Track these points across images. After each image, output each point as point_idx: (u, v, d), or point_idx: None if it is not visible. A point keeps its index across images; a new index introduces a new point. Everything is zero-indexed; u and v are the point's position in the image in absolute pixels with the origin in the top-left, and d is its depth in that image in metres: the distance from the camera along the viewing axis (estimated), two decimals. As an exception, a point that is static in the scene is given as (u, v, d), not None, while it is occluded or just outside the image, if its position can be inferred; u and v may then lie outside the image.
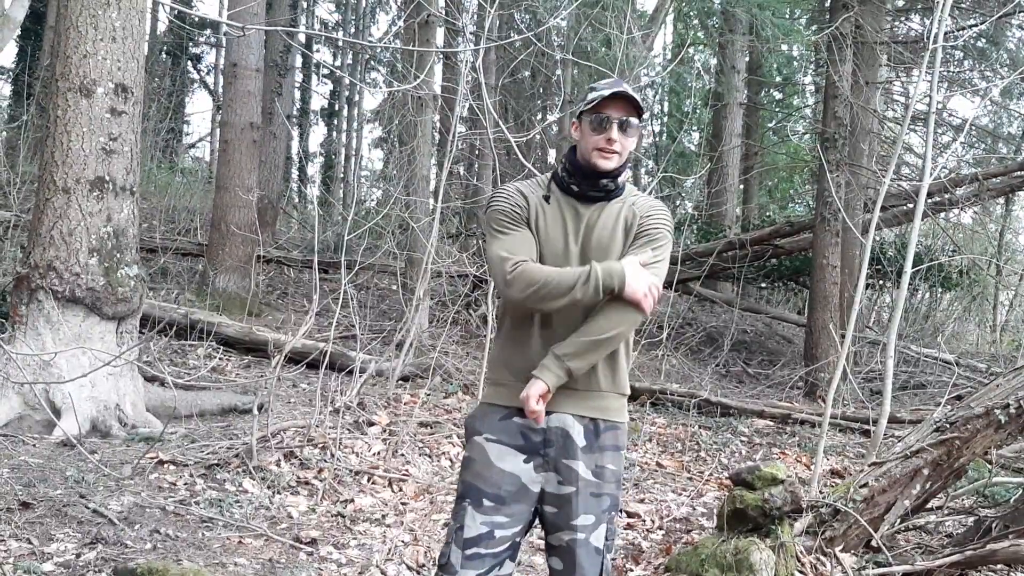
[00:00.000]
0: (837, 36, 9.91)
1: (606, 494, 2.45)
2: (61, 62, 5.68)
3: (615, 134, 2.43)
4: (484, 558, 2.41)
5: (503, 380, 2.50)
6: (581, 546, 2.42)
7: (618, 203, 2.52)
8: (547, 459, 2.44)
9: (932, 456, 4.29)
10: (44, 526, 3.98)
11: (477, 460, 2.47)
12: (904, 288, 5.27)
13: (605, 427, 2.47)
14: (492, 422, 2.48)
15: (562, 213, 2.49)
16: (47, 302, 5.54)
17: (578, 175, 2.49)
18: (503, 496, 2.43)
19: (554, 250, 2.45)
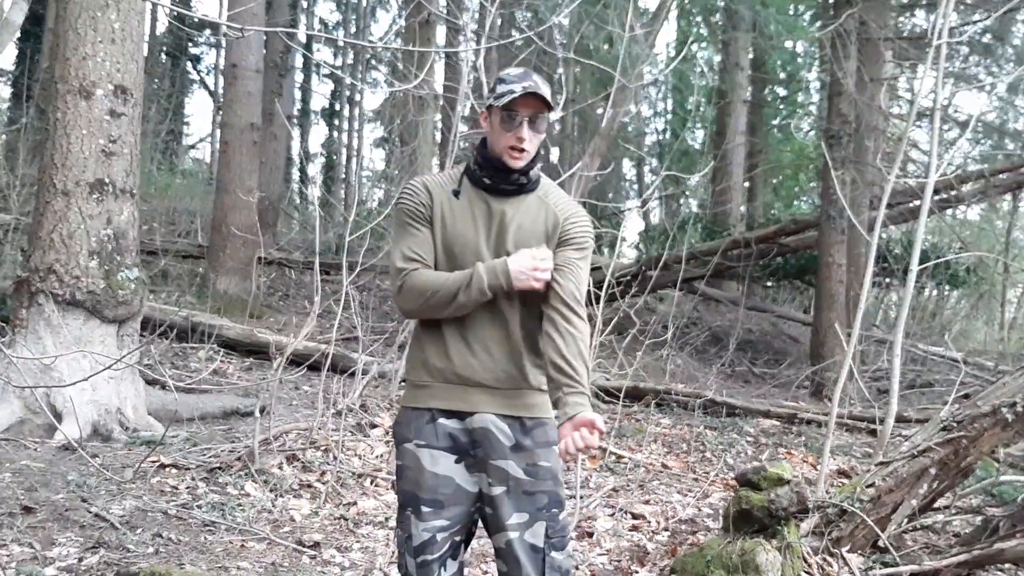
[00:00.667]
0: (841, 33, 9.87)
1: (541, 491, 2.40)
2: (60, 64, 5.66)
3: (525, 132, 2.37)
4: (431, 564, 2.41)
5: (423, 381, 2.46)
6: (517, 544, 2.39)
7: (534, 198, 2.47)
8: (476, 459, 2.42)
9: (939, 455, 4.25)
10: (46, 530, 3.96)
11: (411, 467, 2.44)
12: (910, 286, 5.22)
13: (532, 424, 2.43)
14: (419, 427, 2.45)
15: (472, 208, 2.44)
16: (47, 305, 5.52)
17: (489, 169, 2.44)
18: (440, 500, 2.41)
19: (465, 247, 2.41)
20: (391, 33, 20.14)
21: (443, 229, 2.43)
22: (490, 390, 2.40)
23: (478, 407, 2.41)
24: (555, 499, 2.43)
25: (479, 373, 2.40)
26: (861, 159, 10.87)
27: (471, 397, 2.41)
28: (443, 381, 2.42)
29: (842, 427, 8.07)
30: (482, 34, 7.37)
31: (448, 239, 2.42)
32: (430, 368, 2.44)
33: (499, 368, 2.41)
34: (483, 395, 2.41)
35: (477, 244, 2.41)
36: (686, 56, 16.71)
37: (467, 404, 2.41)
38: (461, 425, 2.42)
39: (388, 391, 6.98)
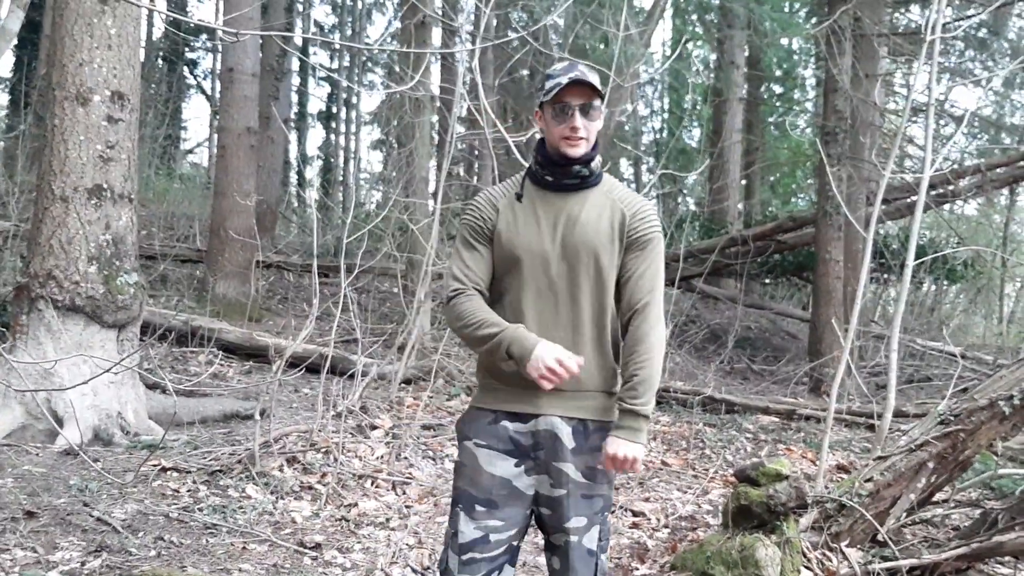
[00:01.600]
0: (836, 29, 9.88)
1: (598, 495, 2.44)
2: (57, 71, 5.68)
3: (578, 121, 2.38)
4: (480, 563, 2.40)
5: (491, 384, 2.49)
6: (574, 548, 2.41)
7: (598, 194, 2.48)
8: (538, 462, 2.43)
9: (937, 449, 4.27)
10: (49, 535, 3.98)
11: (468, 465, 2.46)
12: (907, 281, 5.24)
13: (594, 427, 2.44)
14: (481, 426, 2.47)
15: (535, 210, 2.46)
16: (47, 311, 5.53)
17: (549, 166, 2.46)
18: (495, 500, 2.41)
19: (528, 249, 2.42)
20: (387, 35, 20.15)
21: (507, 235, 2.44)
22: (556, 392, 2.40)
23: (544, 409, 2.41)
24: (608, 502, 2.48)
25: None
26: (857, 155, 10.89)
27: (537, 399, 2.41)
28: (509, 384, 2.43)
29: (841, 422, 8.09)
30: (477, 35, 7.38)
31: (511, 243, 2.43)
32: (496, 371, 2.45)
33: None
34: (549, 397, 2.41)
35: (541, 245, 2.42)
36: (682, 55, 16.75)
37: (533, 407, 2.42)
38: (525, 427, 2.43)
39: (388, 392, 6.99)
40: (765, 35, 13.44)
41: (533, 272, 2.41)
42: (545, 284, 2.41)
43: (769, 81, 19.69)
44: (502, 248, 2.45)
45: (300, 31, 21.75)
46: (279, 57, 13.85)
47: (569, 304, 2.41)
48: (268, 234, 12.89)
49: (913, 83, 5.92)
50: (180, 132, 24.25)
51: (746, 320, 14.25)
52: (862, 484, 4.27)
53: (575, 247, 2.40)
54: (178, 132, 23.49)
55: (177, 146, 23.14)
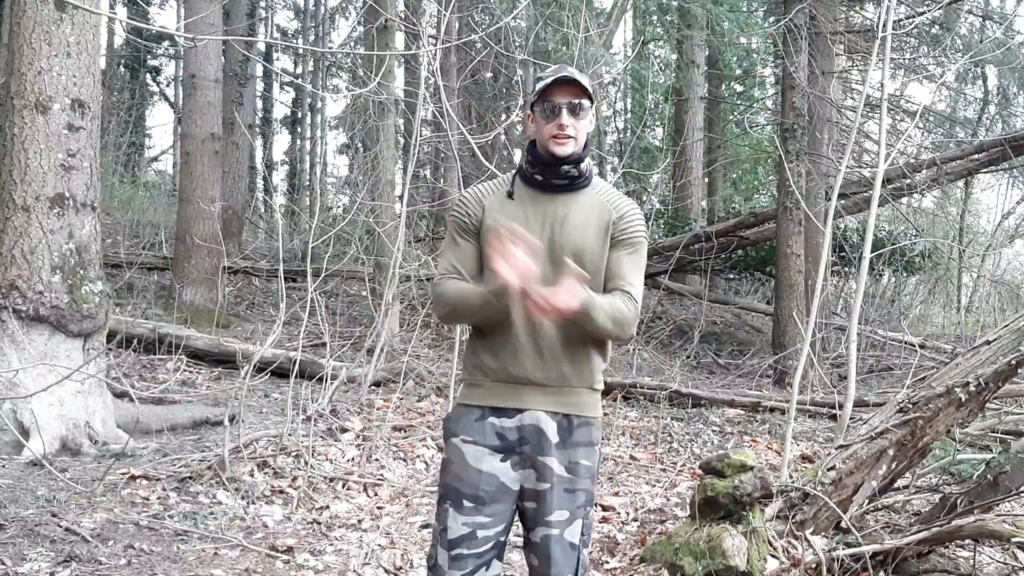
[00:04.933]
0: (792, 28, 10.03)
1: (580, 490, 2.47)
2: (16, 79, 5.63)
3: (566, 119, 2.42)
4: (467, 558, 2.43)
5: (477, 381, 2.52)
6: (556, 542, 2.44)
7: (588, 196, 2.52)
8: (523, 456, 2.46)
9: (897, 436, 4.36)
10: (16, 546, 3.94)
11: (455, 462, 2.49)
12: (863, 273, 5.35)
13: (578, 423, 2.48)
14: (468, 423, 2.49)
15: (525, 209, 2.49)
16: (11, 322, 5.49)
17: (539, 165, 2.50)
18: (482, 496, 2.44)
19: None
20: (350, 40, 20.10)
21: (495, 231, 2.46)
22: (541, 387, 2.45)
23: (529, 404, 2.45)
24: (590, 497, 2.50)
25: (531, 371, 2.45)
26: (815, 151, 11.05)
27: (522, 395, 2.45)
28: (496, 380, 2.47)
29: (804, 413, 8.21)
30: (439, 38, 7.41)
31: None
32: (484, 368, 2.49)
33: (550, 366, 2.45)
34: (534, 392, 2.45)
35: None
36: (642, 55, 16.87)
37: (518, 401, 2.46)
38: (511, 422, 2.46)
39: (358, 395, 7.01)
40: (723, 35, 13.58)
41: None
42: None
43: (729, 80, 19.89)
44: (489, 244, 2.47)
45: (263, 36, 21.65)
46: (242, 63, 13.77)
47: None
48: (235, 240, 12.82)
49: (868, 79, 6.05)
50: (144, 139, 24.00)
51: (711, 315, 14.39)
52: (825, 473, 4.35)
53: (562, 248, 2.44)
54: (142, 139, 23.24)
55: (141, 154, 22.90)
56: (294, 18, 26.22)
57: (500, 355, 2.46)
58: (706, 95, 18.07)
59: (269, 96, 24.35)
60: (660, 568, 4.11)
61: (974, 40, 12.89)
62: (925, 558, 4.23)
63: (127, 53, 21.80)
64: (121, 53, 21.82)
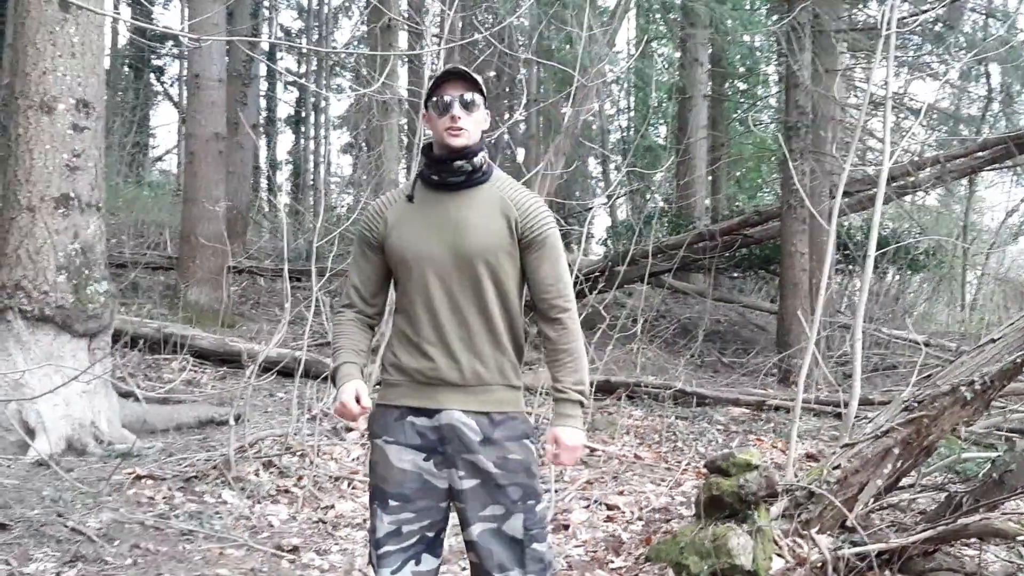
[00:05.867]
0: (795, 26, 10.02)
1: (514, 484, 2.45)
2: (20, 80, 5.64)
3: (457, 110, 2.44)
4: (394, 554, 2.46)
5: (395, 381, 2.53)
6: (492, 536, 2.45)
7: (487, 191, 2.51)
8: (446, 456, 2.47)
9: (902, 435, 4.35)
10: (22, 547, 3.95)
11: (379, 463, 2.51)
12: (868, 271, 5.34)
13: (500, 419, 2.47)
14: (388, 423, 2.51)
15: (425, 211, 2.50)
16: (16, 322, 5.50)
17: (436, 164, 2.51)
18: (407, 494, 2.46)
19: (417, 252, 2.47)
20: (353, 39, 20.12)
21: (397, 241, 2.50)
22: (456, 387, 2.46)
23: (444, 404, 2.46)
24: (529, 491, 2.47)
25: (445, 372, 2.46)
26: (819, 149, 11.04)
27: (438, 395, 2.46)
28: (411, 380, 2.48)
29: (809, 412, 8.20)
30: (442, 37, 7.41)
31: (401, 248, 2.48)
32: (400, 367, 2.51)
33: (465, 366, 2.46)
34: (449, 393, 2.46)
35: (429, 248, 2.46)
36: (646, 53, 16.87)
37: (434, 402, 2.46)
38: (429, 422, 2.47)
39: (362, 395, 7.00)
40: (727, 33, 13.59)
41: (424, 274, 2.46)
42: (437, 286, 2.46)
43: (732, 78, 19.88)
44: (393, 254, 2.51)
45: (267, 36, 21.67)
46: (246, 62, 13.79)
47: (462, 304, 2.46)
48: (239, 239, 12.84)
49: (871, 77, 6.03)
50: (148, 139, 24.05)
51: (715, 314, 14.39)
52: (830, 471, 4.35)
53: (466, 248, 2.44)
54: (146, 139, 23.29)
55: (146, 153, 22.95)
56: (297, 17, 26.28)
57: (415, 356, 2.48)
58: (709, 93, 18.06)
59: (273, 96, 24.41)
60: (665, 567, 4.11)
61: (977, 38, 12.86)
62: (931, 557, 4.23)
63: (131, 53, 21.83)
64: (125, 53, 21.84)
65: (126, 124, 17.41)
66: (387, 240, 2.52)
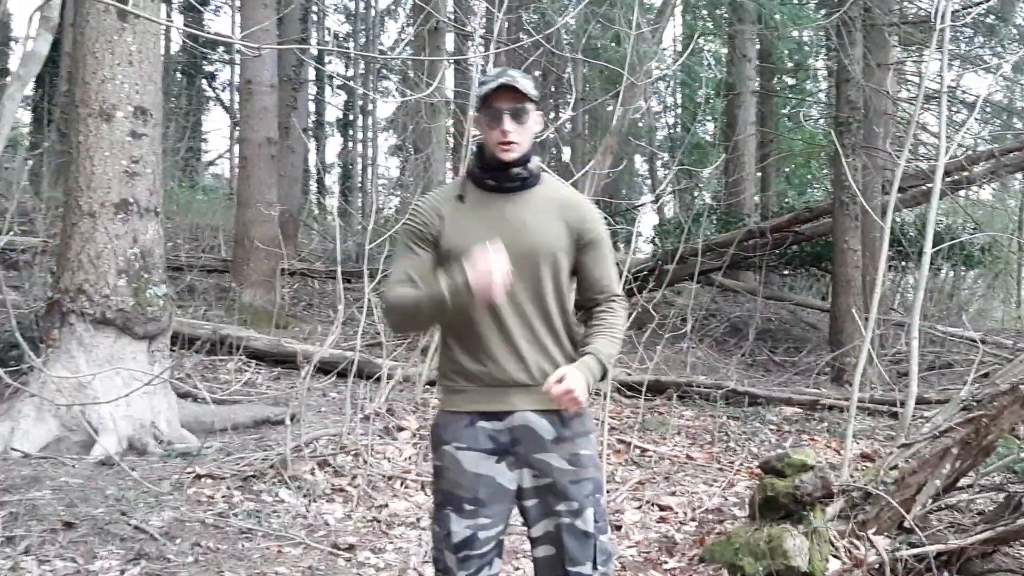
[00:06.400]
0: (846, 20, 9.89)
1: (585, 479, 2.48)
2: (80, 88, 5.78)
3: (507, 125, 2.43)
4: (472, 559, 2.47)
5: (460, 387, 2.53)
6: (567, 531, 2.47)
7: (541, 195, 2.55)
8: (518, 457, 2.49)
9: (960, 435, 4.30)
10: (88, 545, 4.04)
11: (450, 468, 2.51)
12: (925, 268, 5.27)
13: (569, 415, 2.49)
14: (458, 430, 2.51)
15: (479, 212, 2.51)
16: (79, 325, 5.63)
17: (489, 170, 2.52)
18: (482, 499, 2.47)
19: (472, 251, 2.43)
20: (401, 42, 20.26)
21: (453, 239, 2.49)
22: (526, 388, 2.47)
23: (516, 405, 2.47)
24: (597, 485, 2.52)
25: (513, 373, 2.47)
26: (871, 144, 10.89)
27: (509, 397, 2.48)
28: (479, 384, 2.49)
29: (864, 411, 8.08)
30: (490, 39, 7.45)
31: (458, 247, 2.46)
32: (465, 372, 2.51)
33: (532, 366, 2.47)
34: (519, 394, 2.48)
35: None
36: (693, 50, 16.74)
37: (505, 404, 2.48)
38: (501, 425, 2.48)
39: (413, 394, 7.07)
40: (776, 28, 13.44)
41: None
42: None
43: (781, 73, 19.67)
44: (448, 252, 2.49)
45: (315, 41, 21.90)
46: (296, 67, 13.96)
47: (523, 304, 2.48)
48: (291, 242, 13.00)
49: (925, 71, 5.94)
50: (201, 144, 24.46)
51: (766, 312, 14.25)
52: (887, 472, 4.31)
53: (529, 249, 2.46)
54: (199, 144, 23.68)
55: (199, 158, 23.33)
56: (344, 21, 26.53)
57: (480, 359, 2.48)
58: (758, 89, 17.89)
59: (322, 99, 24.65)
60: (720, 568, 4.10)
61: (1032, 29, 12.60)
62: (989, 558, 4.17)
63: (184, 60, 22.23)
64: (178, 60, 22.25)
65: (180, 130, 17.72)
66: (444, 238, 2.51)
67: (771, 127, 18.61)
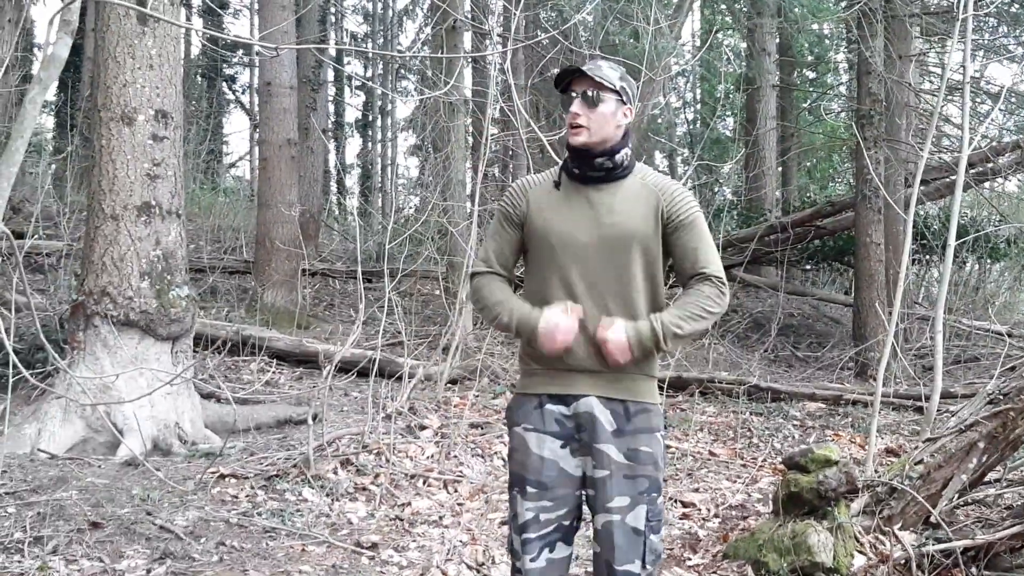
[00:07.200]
0: (866, 11, 9.81)
1: (642, 476, 2.48)
2: (102, 92, 5.83)
3: (576, 107, 2.47)
4: (533, 541, 2.50)
5: (532, 369, 2.57)
6: (617, 527, 2.46)
7: (631, 183, 2.55)
8: (581, 443, 2.50)
9: (987, 429, 4.25)
10: (114, 544, 4.07)
11: (518, 450, 2.56)
12: (949, 261, 5.22)
13: (636, 409, 2.50)
14: (527, 411, 2.55)
15: (569, 200, 2.55)
16: (103, 327, 5.68)
17: (574, 160, 2.55)
18: (545, 482, 2.50)
19: (562, 237, 2.51)
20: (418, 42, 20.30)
21: (540, 222, 2.55)
22: (594, 374, 2.48)
23: (582, 390, 2.49)
24: (655, 483, 2.51)
25: (582, 358, 2.48)
26: (894, 137, 10.79)
27: (576, 381, 2.50)
28: (549, 367, 2.52)
29: (888, 406, 8.03)
30: (508, 37, 7.45)
31: (544, 231, 2.53)
32: (538, 355, 2.53)
33: (603, 354, 2.47)
34: (587, 379, 2.49)
35: (573, 234, 2.50)
36: (712, 45, 16.67)
37: (572, 388, 2.50)
38: (568, 410, 2.50)
39: (435, 393, 7.09)
40: (795, 21, 13.36)
41: (565, 259, 2.49)
42: (577, 271, 2.48)
43: (801, 67, 19.52)
44: (535, 235, 2.55)
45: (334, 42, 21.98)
46: (314, 68, 14.01)
47: (602, 290, 2.48)
48: (312, 243, 13.05)
49: (947, 62, 5.88)
50: (222, 147, 24.60)
51: (788, 307, 14.16)
52: (912, 467, 4.27)
53: (610, 236, 2.48)
54: (220, 147, 23.82)
55: (219, 160, 23.47)
56: (363, 22, 26.61)
57: None
58: (778, 83, 17.76)
59: (341, 100, 24.75)
60: (744, 564, 4.08)
61: (1058, 17, 12.42)
62: (1018, 552, 4.13)
63: (203, 63, 22.37)
64: (198, 63, 22.40)
65: (200, 132, 17.84)
66: (529, 221, 2.57)
67: (791, 121, 18.48)
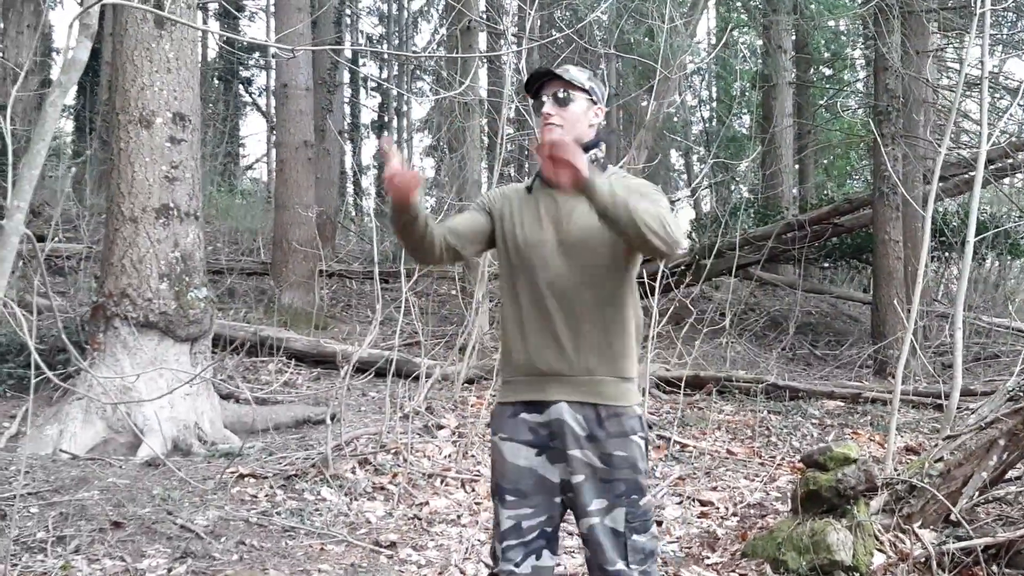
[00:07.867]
0: (883, 7, 9.76)
1: (618, 480, 2.47)
2: (120, 96, 5.88)
3: (548, 108, 2.50)
4: (515, 548, 2.50)
5: (507, 377, 2.58)
6: (598, 529, 2.47)
7: None
8: (556, 451, 2.50)
9: (1007, 426, 4.23)
10: (136, 544, 4.11)
11: (497, 459, 2.57)
12: (968, 258, 5.19)
13: (607, 414, 2.47)
14: (504, 420, 2.56)
15: (539, 204, 2.56)
16: (123, 328, 5.73)
17: None
18: (523, 490, 2.50)
19: (527, 240, 2.53)
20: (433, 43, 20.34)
21: (512, 228, 2.56)
22: (564, 378, 2.47)
23: (552, 396, 2.48)
24: (633, 486, 2.49)
25: (553, 363, 2.48)
26: (911, 133, 10.73)
27: (547, 387, 2.49)
28: (523, 374, 2.52)
29: (908, 404, 7.98)
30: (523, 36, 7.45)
31: (515, 234, 2.55)
32: (512, 363, 2.55)
33: (572, 355, 2.47)
34: (558, 384, 2.48)
35: (539, 236, 2.51)
36: (728, 42, 16.62)
37: (544, 394, 2.49)
38: (540, 418, 2.50)
39: (452, 392, 7.10)
40: (811, 18, 13.32)
41: (532, 263, 2.50)
42: (545, 275, 2.48)
43: (817, 64, 19.43)
44: (503, 238, 2.58)
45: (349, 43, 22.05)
46: (330, 70, 14.07)
47: (570, 294, 2.47)
48: (329, 244, 13.12)
49: (965, 57, 5.83)
50: (239, 149, 24.72)
51: (806, 305, 14.10)
52: (932, 465, 4.25)
53: (576, 237, 2.48)
54: (237, 149, 23.94)
55: (237, 163, 23.60)
56: (378, 24, 26.68)
57: (525, 348, 2.51)
58: (794, 80, 17.70)
59: (356, 102, 24.83)
60: (762, 563, 4.07)
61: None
62: (1040, 551, 4.10)
63: (220, 65, 22.49)
64: (215, 66, 22.52)
65: (218, 135, 17.95)
66: (499, 222, 2.59)
67: (808, 118, 18.40)
